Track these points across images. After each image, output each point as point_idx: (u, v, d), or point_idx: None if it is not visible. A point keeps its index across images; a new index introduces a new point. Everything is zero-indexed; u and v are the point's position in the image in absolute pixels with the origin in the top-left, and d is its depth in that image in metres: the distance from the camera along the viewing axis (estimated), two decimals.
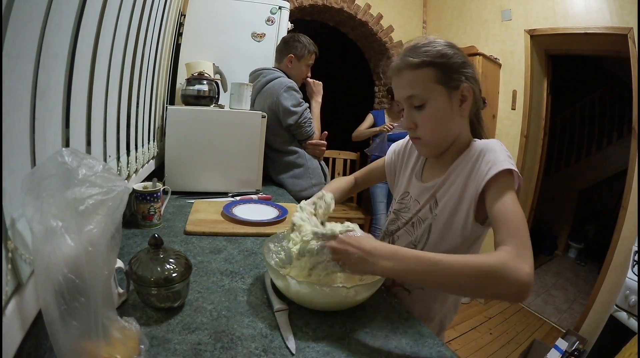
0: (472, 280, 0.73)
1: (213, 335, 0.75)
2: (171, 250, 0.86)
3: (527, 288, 0.69)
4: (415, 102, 0.96)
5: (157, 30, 1.65)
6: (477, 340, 2.94)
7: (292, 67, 2.19)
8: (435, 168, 1.07)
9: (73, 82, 0.82)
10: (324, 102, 2.31)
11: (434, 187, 1.02)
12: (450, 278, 0.75)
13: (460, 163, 0.97)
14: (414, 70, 0.93)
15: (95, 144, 1.03)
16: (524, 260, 0.71)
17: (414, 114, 0.97)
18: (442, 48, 0.93)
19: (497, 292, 0.74)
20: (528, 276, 0.69)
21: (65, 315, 0.51)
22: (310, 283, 0.83)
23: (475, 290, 0.77)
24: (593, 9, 2.95)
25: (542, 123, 3.68)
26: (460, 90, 0.94)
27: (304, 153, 2.19)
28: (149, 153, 1.70)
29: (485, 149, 0.93)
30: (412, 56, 0.93)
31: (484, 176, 0.87)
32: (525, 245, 0.74)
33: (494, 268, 0.71)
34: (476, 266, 0.73)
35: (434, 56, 0.92)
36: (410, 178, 1.15)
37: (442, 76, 0.92)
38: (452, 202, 0.97)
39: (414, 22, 4.44)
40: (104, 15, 0.95)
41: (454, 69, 0.93)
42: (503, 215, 0.81)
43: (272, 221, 1.45)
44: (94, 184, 0.59)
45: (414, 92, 0.95)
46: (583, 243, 4.99)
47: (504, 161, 0.87)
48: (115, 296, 0.81)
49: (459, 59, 0.94)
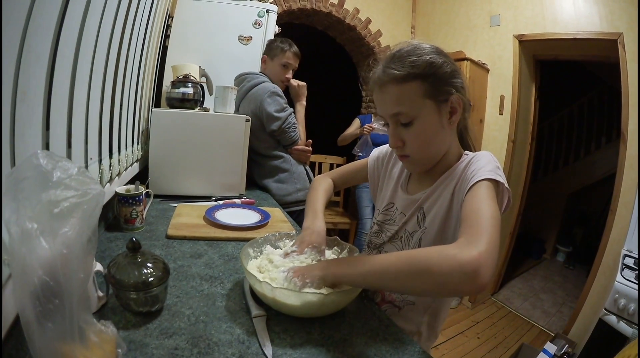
0: (415, 272, 0.69)
1: (190, 340, 0.74)
2: (149, 253, 0.85)
3: (471, 273, 0.62)
4: (402, 120, 0.89)
5: (143, 32, 1.64)
6: (464, 345, 2.94)
7: (267, 68, 2.20)
8: (422, 179, 1.03)
9: (54, 84, 0.82)
10: (311, 107, 2.30)
11: (420, 199, 0.99)
12: (394, 274, 0.73)
13: (448, 176, 0.94)
14: (400, 84, 0.86)
15: (76, 147, 1.03)
16: (472, 245, 0.65)
17: (401, 132, 0.91)
18: (430, 57, 0.86)
19: (444, 282, 0.66)
20: (470, 260, 0.63)
21: (41, 317, 0.51)
22: (287, 289, 0.82)
23: (422, 283, 0.70)
24: (582, 14, 2.97)
25: (530, 128, 3.70)
26: (450, 102, 0.88)
27: (290, 157, 2.19)
28: (133, 155, 1.69)
29: (473, 159, 0.90)
30: (396, 68, 0.85)
31: (467, 182, 0.83)
32: (481, 233, 0.68)
33: (430, 256, 0.68)
34: (413, 257, 0.71)
35: (422, 68, 0.84)
36: (396, 188, 1.10)
37: (431, 90, 0.86)
38: (442, 214, 0.93)
39: (402, 27, 4.44)
40: (86, 16, 0.94)
41: (444, 81, 0.87)
42: (468, 211, 0.76)
43: (254, 226, 1.45)
44: (68, 187, 0.59)
45: (401, 109, 0.88)
46: (571, 247, 5.04)
47: (491, 171, 0.82)
48: (95, 299, 0.81)
49: (448, 68, 0.87)
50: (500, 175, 0.83)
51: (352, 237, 3.91)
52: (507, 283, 4.16)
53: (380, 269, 0.76)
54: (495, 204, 0.77)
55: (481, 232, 0.68)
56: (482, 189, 0.80)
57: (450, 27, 4.06)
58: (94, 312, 0.80)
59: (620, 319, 2.17)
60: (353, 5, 3.99)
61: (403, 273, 0.71)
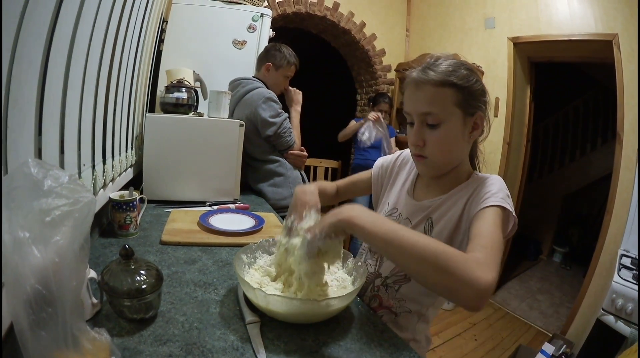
0: (430, 261, 0.70)
1: (184, 347, 0.74)
2: (142, 260, 0.85)
3: (483, 294, 0.66)
4: (430, 120, 0.92)
5: (137, 37, 1.63)
6: (462, 347, 2.93)
7: (268, 76, 2.19)
8: (429, 186, 1.06)
9: (46, 89, 0.82)
10: (306, 110, 2.30)
11: (429, 207, 1.01)
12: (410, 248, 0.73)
13: (460, 190, 0.97)
14: (437, 87, 0.90)
15: (69, 153, 1.02)
16: (489, 268, 0.69)
17: (425, 132, 0.94)
18: (467, 72, 0.91)
19: (452, 286, 0.69)
20: (487, 284, 0.66)
21: (34, 325, 0.52)
22: (281, 295, 0.82)
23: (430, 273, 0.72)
24: (577, 16, 2.98)
25: (525, 130, 3.71)
26: (475, 117, 0.93)
27: (285, 161, 2.19)
28: (127, 161, 1.68)
29: (488, 181, 0.94)
30: (437, 72, 0.90)
31: (478, 204, 0.88)
32: (494, 260, 0.72)
33: (457, 259, 0.69)
34: (440, 250, 0.71)
35: (458, 78, 0.89)
36: (400, 194, 1.12)
37: (463, 101, 0.90)
38: (450, 227, 0.95)
39: (397, 31, 4.46)
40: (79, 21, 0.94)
41: (475, 96, 0.92)
42: (479, 233, 0.80)
43: (248, 231, 1.44)
44: (60, 195, 0.59)
45: (432, 109, 0.91)
46: (567, 248, 5.04)
47: (503, 198, 0.87)
48: (89, 306, 0.81)
49: (479, 86, 0.93)
50: (509, 204, 0.88)
51: (348, 241, 3.90)
52: (504, 284, 4.15)
53: (406, 243, 0.73)
54: (501, 232, 0.82)
55: (494, 259, 0.73)
56: (493, 214, 0.84)
57: (445, 30, 4.07)
58: (88, 319, 0.80)
59: (618, 319, 2.18)
60: (347, 9, 4.00)
61: (426, 261, 0.71)
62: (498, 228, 0.81)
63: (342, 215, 0.81)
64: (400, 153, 1.22)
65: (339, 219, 0.82)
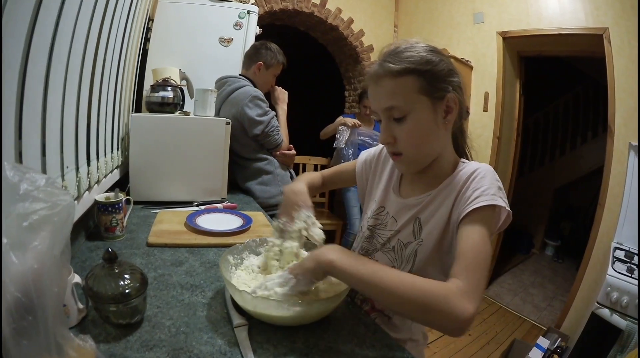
0: (412, 302, 0.71)
1: (171, 353, 0.72)
2: (126, 263, 0.82)
3: (465, 326, 0.68)
4: (395, 114, 0.86)
5: (122, 36, 1.60)
6: (456, 342, 2.92)
7: (259, 74, 2.17)
8: (415, 182, 1.00)
9: (25, 91, 0.80)
10: (295, 107, 2.29)
11: (416, 207, 0.95)
12: (389, 291, 0.73)
13: (448, 185, 0.91)
14: (395, 78, 0.84)
15: (51, 155, 0.99)
16: (471, 299, 0.69)
17: (393, 127, 0.88)
18: (427, 54, 0.85)
19: (435, 322, 0.72)
20: (469, 315, 0.67)
21: (15, 334, 0.50)
22: (267, 298, 0.80)
23: (413, 312, 0.74)
24: (567, 10, 2.99)
25: (515, 124, 3.73)
26: (446, 100, 0.86)
27: (274, 159, 2.18)
28: (113, 162, 1.64)
29: (476, 173, 0.87)
30: (393, 61, 0.84)
31: (468, 203, 0.83)
32: (478, 284, 0.72)
33: (437, 298, 0.69)
34: (420, 290, 0.71)
35: (418, 63, 0.83)
36: (387, 191, 1.06)
37: (427, 86, 0.84)
38: (440, 228, 0.90)
39: (385, 26, 4.44)
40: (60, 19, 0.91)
41: (440, 78, 0.85)
42: (466, 248, 0.78)
43: (235, 231, 1.42)
44: (37, 199, 0.57)
45: (394, 103, 0.85)
46: (559, 241, 5.08)
47: (493, 194, 0.82)
48: (75, 312, 0.79)
49: (445, 66, 0.86)
50: (502, 197, 0.83)
51: (339, 238, 3.91)
52: (496, 278, 4.17)
53: (384, 286, 0.74)
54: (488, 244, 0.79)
55: (479, 285, 0.73)
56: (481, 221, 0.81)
57: (434, 25, 4.07)
58: (75, 325, 0.78)
59: (613, 312, 2.19)
60: (335, 5, 3.98)
61: (409, 302, 0.72)
62: (486, 239, 0.79)
63: (322, 259, 0.80)
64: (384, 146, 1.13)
65: (318, 263, 0.81)
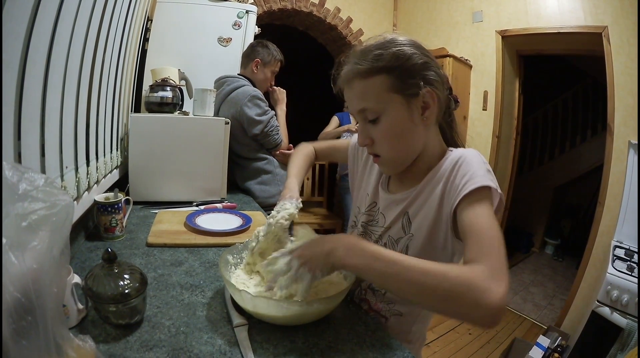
0: (432, 290, 0.65)
1: (171, 353, 0.72)
2: (126, 264, 0.82)
3: (497, 313, 0.60)
4: (369, 116, 0.84)
5: (120, 36, 1.59)
6: (456, 341, 2.92)
7: (257, 72, 2.17)
8: (402, 177, 0.96)
9: (24, 91, 0.80)
10: (293, 107, 2.28)
11: (404, 201, 0.92)
12: (407, 282, 0.67)
13: (433, 176, 0.87)
14: (364, 79, 0.82)
15: (51, 156, 0.99)
16: (498, 282, 0.62)
17: (369, 129, 0.87)
18: (398, 49, 0.80)
19: (461, 311, 0.65)
20: (500, 299, 0.60)
21: (14, 335, 0.49)
22: (267, 297, 0.80)
23: (435, 302, 0.68)
24: (566, 8, 2.99)
25: (514, 123, 3.73)
26: (421, 96, 0.81)
27: (273, 159, 2.17)
28: (112, 162, 1.64)
29: (461, 160, 0.82)
30: (361, 62, 0.82)
31: (459, 191, 0.77)
32: (501, 265, 0.65)
33: (461, 282, 0.63)
34: (440, 275, 0.65)
35: (386, 60, 0.80)
36: (377, 187, 1.04)
37: (398, 83, 0.80)
38: (429, 221, 0.86)
39: (384, 26, 4.43)
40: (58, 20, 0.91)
41: (412, 73, 0.80)
42: (476, 230, 0.71)
43: (235, 231, 1.42)
44: (36, 199, 0.57)
45: (366, 104, 0.83)
46: (559, 239, 5.07)
47: (482, 176, 0.77)
48: (75, 312, 0.79)
49: (418, 59, 0.81)
50: (492, 179, 0.78)
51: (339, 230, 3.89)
52: None
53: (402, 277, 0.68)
54: (495, 220, 0.73)
55: (502, 265, 0.65)
56: (482, 199, 0.75)
57: (432, 24, 4.07)
58: (74, 325, 0.78)
59: (613, 310, 2.19)
60: (334, 4, 3.97)
61: (429, 292, 0.66)
62: (492, 217, 0.73)
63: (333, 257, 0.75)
64: None
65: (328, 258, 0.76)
